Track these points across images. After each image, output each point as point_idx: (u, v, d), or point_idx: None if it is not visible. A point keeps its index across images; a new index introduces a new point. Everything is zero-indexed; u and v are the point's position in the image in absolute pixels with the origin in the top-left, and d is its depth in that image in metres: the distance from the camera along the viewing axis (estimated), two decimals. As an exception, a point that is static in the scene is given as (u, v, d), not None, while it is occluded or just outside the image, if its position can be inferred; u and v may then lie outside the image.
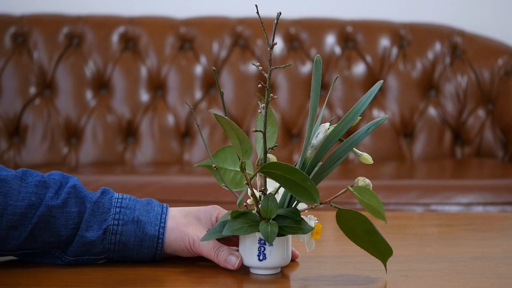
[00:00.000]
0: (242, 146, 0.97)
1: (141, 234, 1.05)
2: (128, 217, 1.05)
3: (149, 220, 1.05)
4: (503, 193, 2.17)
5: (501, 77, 2.71)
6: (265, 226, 0.98)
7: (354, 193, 1.00)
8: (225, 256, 1.03)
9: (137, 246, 1.05)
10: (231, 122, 0.95)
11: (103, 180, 2.25)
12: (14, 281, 1.00)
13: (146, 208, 1.07)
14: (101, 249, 1.05)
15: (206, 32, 2.74)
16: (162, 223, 1.06)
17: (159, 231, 1.05)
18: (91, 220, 1.04)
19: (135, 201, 1.07)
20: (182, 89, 2.71)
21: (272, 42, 0.97)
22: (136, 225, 1.05)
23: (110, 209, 1.05)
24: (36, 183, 1.05)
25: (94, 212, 1.05)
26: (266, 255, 1.01)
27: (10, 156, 2.64)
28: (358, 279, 1.02)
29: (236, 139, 0.97)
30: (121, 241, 1.05)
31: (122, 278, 1.02)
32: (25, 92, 2.68)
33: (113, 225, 1.05)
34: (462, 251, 1.19)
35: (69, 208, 1.04)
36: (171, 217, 1.07)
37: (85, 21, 2.73)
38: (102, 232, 1.04)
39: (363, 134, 1.02)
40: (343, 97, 2.73)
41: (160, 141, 2.68)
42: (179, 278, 1.03)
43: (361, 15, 2.82)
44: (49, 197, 1.04)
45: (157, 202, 1.09)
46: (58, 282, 1.01)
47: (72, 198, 1.05)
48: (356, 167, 2.59)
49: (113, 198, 1.06)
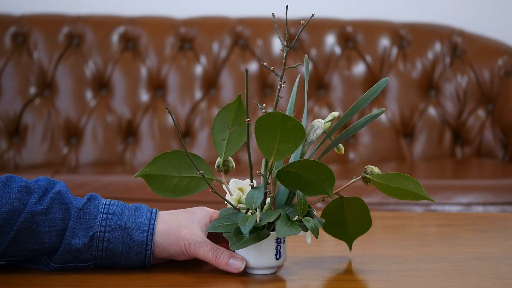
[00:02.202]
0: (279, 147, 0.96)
1: (129, 240, 1.02)
2: (116, 224, 1.02)
3: (137, 226, 1.02)
4: (503, 193, 2.17)
5: (501, 77, 2.71)
6: (309, 222, 0.98)
7: (379, 182, 0.99)
8: (225, 259, 1.01)
9: (125, 253, 1.02)
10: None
11: (103, 180, 2.25)
12: (14, 281, 1.00)
13: (134, 214, 1.03)
14: (88, 256, 1.02)
15: (206, 32, 2.74)
16: (151, 229, 1.02)
17: (147, 238, 1.02)
18: (77, 227, 1.01)
19: (122, 206, 1.04)
20: (182, 89, 2.71)
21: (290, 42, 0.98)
22: (123, 232, 1.02)
23: (96, 216, 1.02)
24: (20, 189, 1.01)
25: (80, 219, 1.02)
26: (282, 253, 1.02)
27: (10, 156, 2.64)
28: (358, 279, 1.02)
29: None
30: (108, 248, 1.02)
31: (122, 278, 1.02)
32: (25, 92, 2.68)
33: (100, 232, 1.02)
34: (462, 251, 1.19)
35: (53, 215, 1.01)
36: (162, 221, 1.04)
37: (85, 21, 2.73)
38: (88, 239, 1.01)
39: (360, 126, 1.02)
40: (343, 97, 2.73)
41: (160, 141, 2.68)
42: (179, 278, 1.03)
43: (361, 15, 2.82)
44: (32, 203, 1.01)
45: (146, 207, 1.06)
46: (58, 282, 1.00)
47: (56, 204, 1.02)
48: (356, 166, 2.59)
49: (100, 204, 1.03)
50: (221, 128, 1.01)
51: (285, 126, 0.93)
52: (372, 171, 1.02)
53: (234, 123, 1.01)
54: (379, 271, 1.04)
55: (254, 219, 0.98)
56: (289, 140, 0.95)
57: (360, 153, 2.70)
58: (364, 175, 1.03)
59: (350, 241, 1.10)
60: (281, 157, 0.97)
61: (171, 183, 1.02)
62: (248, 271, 1.03)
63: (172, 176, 1.01)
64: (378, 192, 1.01)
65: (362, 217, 1.07)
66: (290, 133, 0.94)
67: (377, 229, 1.39)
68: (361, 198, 1.06)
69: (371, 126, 2.71)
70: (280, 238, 1.01)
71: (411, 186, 0.99)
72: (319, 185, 0.98)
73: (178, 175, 1.02)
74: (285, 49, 0.99)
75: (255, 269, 1.02)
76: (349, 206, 1.06)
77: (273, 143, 0.95)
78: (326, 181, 0.97)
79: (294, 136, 0.94)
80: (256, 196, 0.99)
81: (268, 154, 0.97)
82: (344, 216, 1.07)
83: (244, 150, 1.01)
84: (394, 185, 1.00)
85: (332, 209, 1.06)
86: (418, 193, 0.99)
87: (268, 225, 1.01)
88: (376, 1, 2.89)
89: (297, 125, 0.93)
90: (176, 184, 1.02)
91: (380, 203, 2.13)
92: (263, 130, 0.94)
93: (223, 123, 1.01)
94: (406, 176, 0.99)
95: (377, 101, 2.73)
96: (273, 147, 0.96)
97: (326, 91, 2.75)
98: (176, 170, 1.01)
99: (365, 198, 2.15)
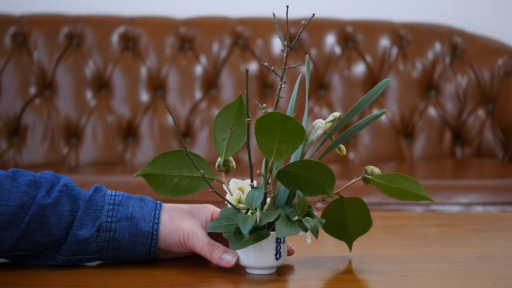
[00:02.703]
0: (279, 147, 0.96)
1: (135, 230, 1.04)
2: (122, 214, 1.04)
3: (142, 216, 1.04)
4: (503, 193, 2.17)
5: (501, 77, 2.71)
6: (309, 222, 0.98)
7: (380, 183, 0.99)
8: (219, 254, 1.02)
9: (131, 243, 1.04)
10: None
11: (103, 180, 2.25)
12: (14, 281, 1.00)
13: (139, 205, 1.05)
14: (94, 247, 1.04)
15: (206, 32, 2.74)
16: (156, 219, 1.04)
17: (153, 227, 1.04)
18: (84, 218, 1.03)
19: (128, 197, 1.06)
20: (182, 89, 2.71)
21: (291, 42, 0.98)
22: (130, 222, 1.04)
23: (103, 206, 1.04)
24: (28, 183, 1.03)
25: (87, 210, 1.04)
26: (282, 253, 1.02)
27: (10, 156, 2.64)
28: (358, 279, 1.02)
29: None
30: (115, 238, 1.04)
31: (122, 278, 1.02)
32: (25, 92, 2.68)
33: (107, 222, 1.03)
34: (462, 251, 1.19)
35: (62, 207, 1.03)
36: (165, 211, 1.06)
37: (85, 21, 2.73)
38: (95, 229, 1.03)
39: (361, 126, 1.02)
40: (343, 97, 2.73)
41: (160, 141, 2.68)
42: (179, 278, 1.03)
43: (361, 15, 2.82)
44: (41, 196, 1.03)
45: (150, 198, 1.08)
46: (58, 282, 1.00)
47: (64, 197, 1.04)
48: (356, 167, 2.59)
49: (106, 195, 1.05)
50: (222, 128, 1.01)
51: (285, 126, 0.93)
52: (373, 171, 1.02)
53: (235, 122, 1.01)
54: (379, 271, 1.04)
55: (254, 219, 0.98)
56: (289, 140, 0.95)
57: (360, 153, 2.70)
58: (364, 175, 1.03)
59: (350, 242, 1.10)
60: (281, 157, 0.97)
61: (171, 182, 1.02)
62: (248, 271, 1.03)
63: (173, 176, 1.02)
64: (378, 192, 1.01)
65: (362, 218, 1.07)
66: (290, 133, 0.94)
67: (377, 229, 1.39)
68: (361, 199, 1.06)
69: (371, 126, 2.71)
70: (280, 238, 1.01)
71: (412, 187, 0.99)
72: (319, 185, 0.98)
73: (178, 175, 1.02)
74: (286, 49, 0.99)
75: (255, 269, 1.02)
76: (349, 206, 1.06)
77: (273, 143, 0.95)
78: (326, 181, 0.97)
79: (294, 136, 0.94)
80: (256, 196, 1.00)
81: (268, 154, 0.97)
82: (344, 217, 1.07)
83: (245, 150, 1.01)
84: (394, 186, 1.00)
85: (332, 209, 1.06)
86: (418, 193, 0.99)
87: (268, 225, 1.01)
88: (376, 1, 2.89)
89: (297, 125, 0.93)
90: (176, 184, 1.02)
91: (380, 203, 2.13)
92: (263, 130, 0.94)
93: (224, 123, 1.01)
94: (407, 177, 0.99)
95: (377, 101, 2.73)
96: (273, 147, 0.96)
97: (326, 91, 2.75)
98: (176, 169, 1.01)
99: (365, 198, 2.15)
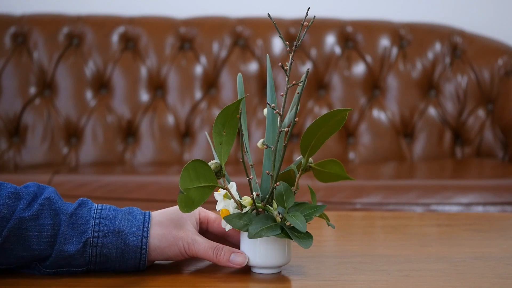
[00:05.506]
0: None
1: (123, 245, 1.01)
2: (109, 228, 1.00)
3: (131, 230, 1.01)
4: (503, 193, 2.17)
5: (501, 77, 2.71)
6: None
7: (317, 169, 1.01)
8: (226, 256, 1.01)
9: (120, 257, 1.01)
10: None
11: (103, 180, 2.25)
12: (14, 281, 1.00)
13: (127, 218, 1.02)
14: (81, 261, 1.01)
15: (206, 32, 2.74)
16: (145, 232, 1.01)
17: (141, 241, 1.01)
18: (68, 233, 1.00)
19: (115, 211, 1.02)
20: (182, 89, 2.71)
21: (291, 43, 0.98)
22: (117, 236, 1.01)
23: (89, 221, 1.00)
24: (8, 195, 1.00)
25: (71, 225, 1.00)
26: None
27: (10, 156, 2.64)
28: (358, 279, 1.02)
29: None
30: (102, 253, 1.00)
31: (122, 278, 1.02)
32: (25, 92, 2.68)
33: (93, 237, 1.00)
34: (462, 251, 1.19)
35: (42, 221, 0.99)
36: (157, 223, 1.03)
37: (85, 21, 2.73)
38: (81, 245, 1.00)
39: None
40: (343, 97, 2.73)
41: (160, 141, 2.68)
42: (179, 278, 1.03)
43: (361, 15, 2.82)
44: (21, 209, 0.99)
45: (138, 210, 1.04)
46: (58, 282, 1.00)
47: (46, 210, 1.00)
48: (356, 166, 2.59)
49: (92, 209, 1.02)
50: (218, 132, 1.00)
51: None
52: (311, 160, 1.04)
53: (227, 125, 0.99)
54: (379, 271, 1.04)
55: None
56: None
57: (360, 153, 2.70)
58: (308, 164, 1.03)
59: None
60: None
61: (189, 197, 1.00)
62: (254, 270, 1.03)
63: (198, 187, 1.00)
64: (378, 192, 1.01)
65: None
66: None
67: (377, 229, 1.39)
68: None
69: (371, 126, 2.71)
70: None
71: (336, 169, 1.02)
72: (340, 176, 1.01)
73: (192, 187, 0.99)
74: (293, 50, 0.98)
75: (262, 268, 1.02)
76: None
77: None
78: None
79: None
80: (285, 195, 1.00)
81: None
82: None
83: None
84: (325, 170, 1.02)
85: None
86: (340, 174, 1.02)
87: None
88: (376, 1, 2.89)
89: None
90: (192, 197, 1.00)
91: (380, 203, 2.13)
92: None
93: (219, 126, 1.00)
94: (335, 161, 1.02)
95: (377, 101, 2.73)
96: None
97: (326, 91, 2.75)
98: (195, 180, 0.99)
99: (365, 199, 2.16)
